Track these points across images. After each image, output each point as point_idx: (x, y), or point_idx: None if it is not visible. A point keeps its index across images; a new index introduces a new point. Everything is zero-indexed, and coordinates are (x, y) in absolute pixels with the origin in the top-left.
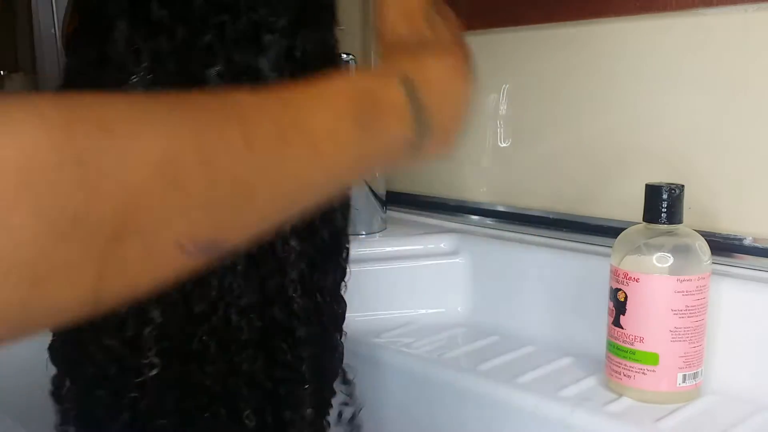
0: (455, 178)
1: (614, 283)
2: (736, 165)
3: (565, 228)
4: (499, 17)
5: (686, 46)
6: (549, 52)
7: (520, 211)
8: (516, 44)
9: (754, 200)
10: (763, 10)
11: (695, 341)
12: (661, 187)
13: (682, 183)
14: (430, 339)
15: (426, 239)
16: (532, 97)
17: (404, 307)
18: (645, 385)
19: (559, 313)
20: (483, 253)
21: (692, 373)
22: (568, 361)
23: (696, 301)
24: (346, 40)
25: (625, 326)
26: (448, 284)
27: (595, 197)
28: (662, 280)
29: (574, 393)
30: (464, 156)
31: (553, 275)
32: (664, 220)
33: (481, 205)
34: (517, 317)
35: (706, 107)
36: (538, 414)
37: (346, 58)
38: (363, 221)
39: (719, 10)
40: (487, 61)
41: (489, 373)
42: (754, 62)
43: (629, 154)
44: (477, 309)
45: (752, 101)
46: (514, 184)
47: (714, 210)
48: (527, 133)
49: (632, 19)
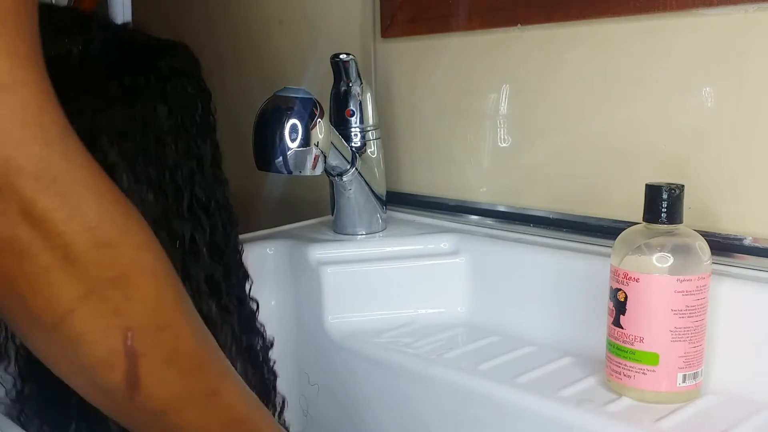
0: (455, 178)
1: (614, 283)
2: (736, 165)
3: (565, 228)
4: (499, 17)
5: (686, 46)
6: (549, 52)
7: (520, 211)
8: (516, 44)
9: (754, 200)
10: (763, 10)
11: (695, 341)
12: (661, 187)
13: (682, 183)
14: (430, 339)
15: (426, 239)
16: (532, 97)
17: (404, 307)
18: (645, 385)
19: (559, 313)
20: (483, 253)
21: (692, 373)
22: (568, 361)
23: (696, 301)
24: (347, 40)
25: (625, 326)
26: (448, 284)
27: (595, 197)
28: (662, 280)
29: (574, 393)
30: (464, 156)
31: (553, 275)
32: (664, 220)
33: (481, 205)
34: (517, 317)
35: (706, 107)
36: (538, 414)
37: (345, 58)
38: (363, 221)
39: (719, 10)
40: (487, 61)
41: (489, 373)
42: (754, 62)
43: (629, 154)
44: (477, 309)
45: (752, 101)
46: (514, 184)
47: (714, 210)
48: (527, 133)
49: (632, 19)
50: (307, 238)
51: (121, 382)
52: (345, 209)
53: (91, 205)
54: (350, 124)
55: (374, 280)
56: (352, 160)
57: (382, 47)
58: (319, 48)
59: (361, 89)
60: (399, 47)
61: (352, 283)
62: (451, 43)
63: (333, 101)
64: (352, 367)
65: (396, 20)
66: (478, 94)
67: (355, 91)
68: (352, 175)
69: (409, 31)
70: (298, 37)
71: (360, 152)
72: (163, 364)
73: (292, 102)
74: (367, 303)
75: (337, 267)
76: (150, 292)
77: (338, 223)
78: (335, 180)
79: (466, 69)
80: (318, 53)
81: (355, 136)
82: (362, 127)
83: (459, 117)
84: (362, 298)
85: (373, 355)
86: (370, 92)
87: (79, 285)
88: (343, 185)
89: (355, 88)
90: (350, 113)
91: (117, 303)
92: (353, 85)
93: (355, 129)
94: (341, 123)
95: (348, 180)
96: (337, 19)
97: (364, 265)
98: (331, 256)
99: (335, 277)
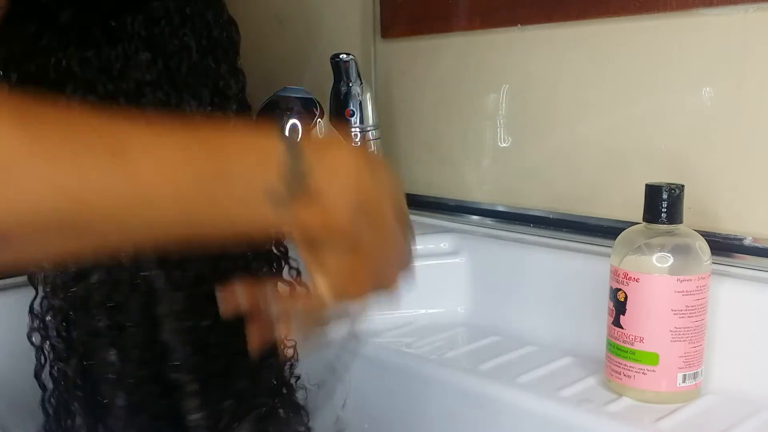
0: (455, 178)
1: (614, 283)
2: (736, 165)
3: (565, 228)
4: (499, 17)
5: (686, 47)
6: (549, 52)
7: (520, 211)
8: (516, 44)
9: (754, 200)
10: (763, 10)
11: (695, 341)
12: (661, 187)
13: (682, 183)
14: (430, 339)
15: (426, 239)
16: (532, 97)
17: (404, 307)
18: (645, 385)
19: (559, 313)
20: (483, 253)
21: (692, 373)
22: (568, 361)
23: (696, 301)
24: (347, 40)
25: (625, 326)
26: (448, 284)
27: (595, 197)
28: (662, 280)
29: (574, 393)
30: (464, 156)
31: (553, 275)
32: (664, 220)
33: (481, 205)
34: (517, 317)
35: (706, 107)
36: (538, 414)
37: (346, 58)
38: None
39: (719, 10)
40: (487, 61)
41: (489, 373)
42: (754, 62)
43: (629, 154)
44: (477, 309)
45: (752, 101)
46: (514, 184)
47: (714, 210)
48: (527, 133)
49: (632, 19)
50: None
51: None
52: None
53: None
54: (350, 124)
55: None
56: None
57: (382, 47)
58: (319, 48)
59: (361, 89)
60: (399, 47)
61: None
62: (451, 43)
63: (333, 101)
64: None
65: (396, 20)
66: (478, 94)
67: (355, 91)
68: None
69: (409, 31)
70: (298, 37)
71: None
72: None
73: (292, 102)
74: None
75: None
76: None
77: None
78: None
79: (466, 69)
80: (318, 53)
81: (355, 136)
82: (362, 127)
83: (459, 117)
84: None
85: (373, 355)
86: (370, 92)
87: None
88: None
89: (355, 88)
90: (350, 113)
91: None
92: (353, 85)
93: (355, 129)
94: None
95: None
96: (337, 19)
97: None
98: None
99: None
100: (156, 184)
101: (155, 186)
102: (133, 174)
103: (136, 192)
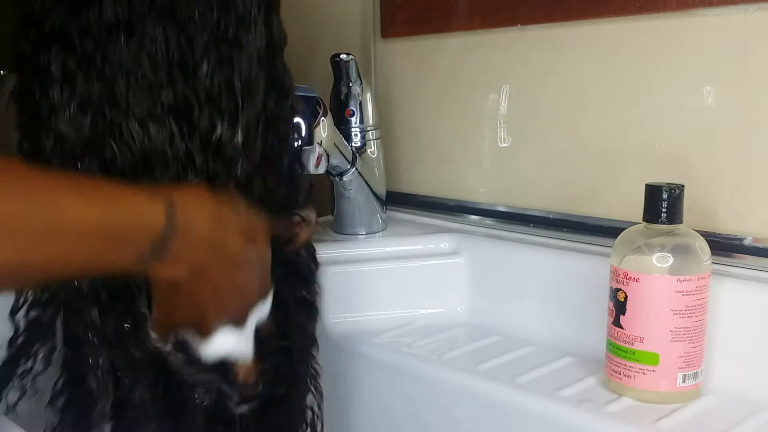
0: (455, 178)
1: (614, 283)
2: (736, 165)
3: (565, 228)
4: (499, 17)
5: (686, 47)
6: (549, 52)
7: (520, 211)
8: (516, 44)
9: (754, 200)
10: (763, 10)
11: (695, 341)
12: (661, 187)
13: (682, 183)
14: (430, 339)
15: (426, 239)
16: (532, 97)
17: (404, 307)
18: (645, 385)
19: (559, 313)
20: (483, 253)
21: (692, 373)
22: (568, 361)
23: (696, 301)
24: (347, 40)
25: (625, 326)
26: (448, 284)
27: (595, 197)
28: (662, 280)
29: (574, 393)
30: (464, 156)
31: (553, 275)
32: (664, 220)
33: (481, 205)
34: (517, 317)
35: (706, 107)
36: (538, 414)
37: (346, 58)
38: (363, 221)
39: (719, 10)
40: (487, 61)
41: (489, 373)
42: (754, 62)
43: (629, 154)
44: (477, 309)
45: (752, 101)
46: (514, 184)
47: (714, 210)
48: (527, 133)
49: (632, 19)
50: None
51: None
52: (345, 209)
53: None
54: (350, 124)
55: (374, 280)
56: (353, 160)
57: (382, 47)
58: (319, 48)
59: (361, 89)
60: (399, 47)
61: (352, 283)
62: (451, 43)
63: (333, 101)
64: (352, 367)
65: (396, 20)
66: (478, 94)
67: (355, 91)
68: (353, 175)
69: (409, 31)
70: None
71: (360, 152)
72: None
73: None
74: (367, 303)
75: (337, 267)
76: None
77: (338, 223)
78: (335, 180)
79: (466, 69)
80: (318, 53)
81: (355, 136)
82: (362, 127)
83: (459, 117)
84: (362, 298)
85: (373, 355)
86: (370, 92)
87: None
88: (343, 185)
89: (355, 88)
90: (350, 113)
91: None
92: (353, 85)
93: (355, 129)
94: (341, 123)
95: (348, 180)
96: (337, 19)
97: (364, 265)
98: (331, 256)
99: (335, 277)
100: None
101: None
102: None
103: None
